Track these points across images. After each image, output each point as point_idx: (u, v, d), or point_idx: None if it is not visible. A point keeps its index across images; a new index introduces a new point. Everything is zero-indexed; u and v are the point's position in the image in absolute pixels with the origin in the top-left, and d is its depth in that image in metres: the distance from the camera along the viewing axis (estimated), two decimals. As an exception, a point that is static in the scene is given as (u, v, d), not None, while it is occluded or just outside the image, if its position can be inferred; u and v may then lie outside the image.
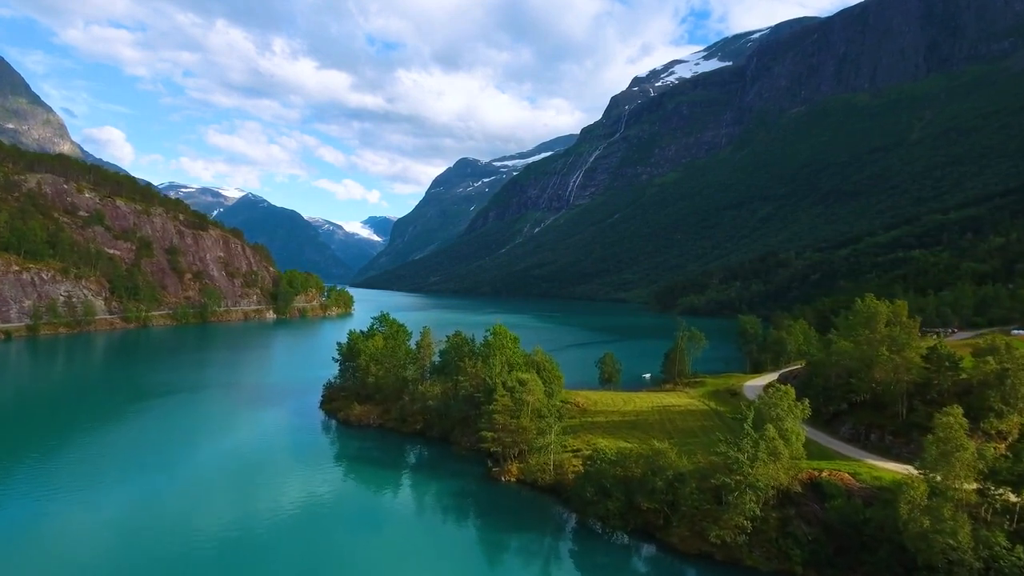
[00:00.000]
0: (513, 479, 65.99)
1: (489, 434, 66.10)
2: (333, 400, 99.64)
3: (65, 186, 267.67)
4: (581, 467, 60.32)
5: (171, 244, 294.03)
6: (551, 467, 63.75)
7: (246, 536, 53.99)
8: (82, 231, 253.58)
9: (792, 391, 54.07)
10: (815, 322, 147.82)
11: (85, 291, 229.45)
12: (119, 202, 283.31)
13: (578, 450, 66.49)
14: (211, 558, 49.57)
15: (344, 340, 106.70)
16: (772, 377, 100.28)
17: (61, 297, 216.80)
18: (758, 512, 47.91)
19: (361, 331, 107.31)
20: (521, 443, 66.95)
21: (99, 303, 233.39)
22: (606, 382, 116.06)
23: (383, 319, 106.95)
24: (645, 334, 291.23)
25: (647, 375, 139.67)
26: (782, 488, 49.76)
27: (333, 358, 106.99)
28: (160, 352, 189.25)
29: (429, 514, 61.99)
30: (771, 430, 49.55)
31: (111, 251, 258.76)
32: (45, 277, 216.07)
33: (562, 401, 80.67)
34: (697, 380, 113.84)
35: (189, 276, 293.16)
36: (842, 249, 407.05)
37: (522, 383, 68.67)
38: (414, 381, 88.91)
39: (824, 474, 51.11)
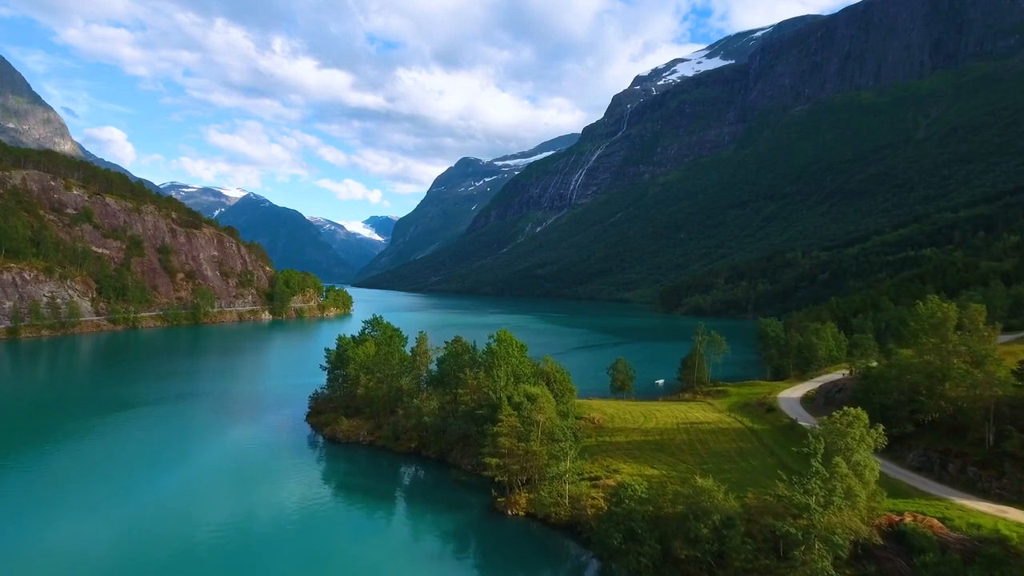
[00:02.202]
0: (521, 512, 55.86)
1: (493, 460, 56.19)
2: (320, 413, 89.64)
3: (52, 183, 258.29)
4: (602, 500, 50.98)
5: (163, 243, 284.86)
6: (566, 500, 54.02)
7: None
8: (69, 229, 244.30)
9: (864, 415, 44.75)
10: (833, 324, 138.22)
11: (70, 291, 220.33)
12: (109, 199, 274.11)
13: (597, 478, 56.81)
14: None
15: (335, 345, 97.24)
16: (808, 387, 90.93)
17: (44, 298, 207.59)
18: (832, 572, 38.38)
19: (352, 336, 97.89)
20: (531, 470, 57.42)
21: (85, 304, 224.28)
22: (618, 390, 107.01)
23: (375, 323, 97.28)
24: (652, 336, 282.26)
25: (660, 381, 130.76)
26: (859, 539, 40.37)
27: (321, 366, 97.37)
28: (143, 356, 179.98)
29: (425, 554, 52.61)
30: (842, 465, 40.23)
31: (99, 250, 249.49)
32: (27, 277, 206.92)
33: (576, 416, 71.01)
34: (719, 389, 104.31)
35: (181, 276, 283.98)
36: (850, 248, 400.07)
37: (531, 399, 59.21)
38: (409, 393, 79.30)
39: (907, 519, 41.66)
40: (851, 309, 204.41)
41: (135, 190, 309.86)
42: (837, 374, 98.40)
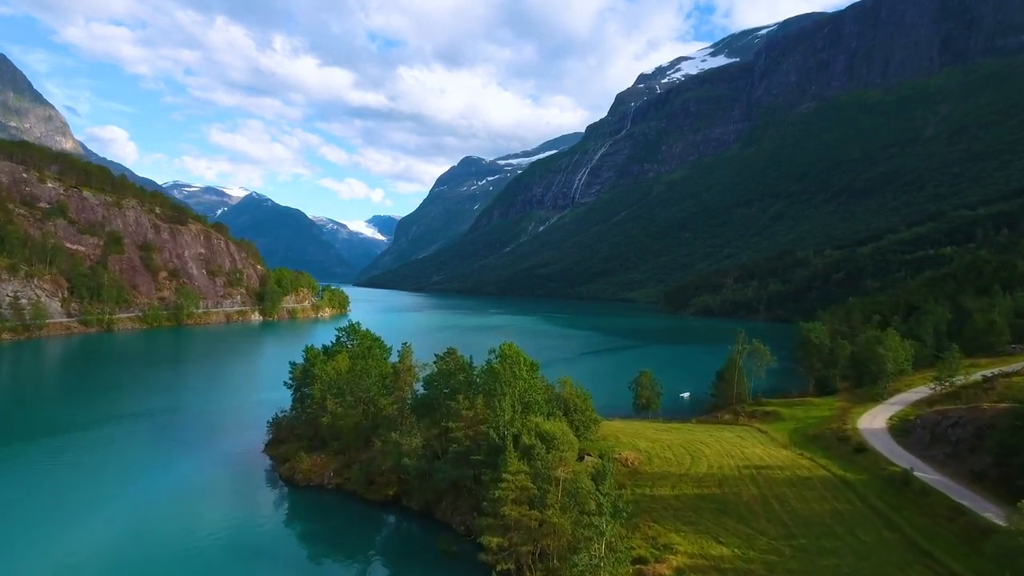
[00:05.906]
0: (535, 611, 39.31)
1: (494, 540, 39.05)
2: (280, 442, 72.27)
3: (24, 175, 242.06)
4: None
5: (145, 240, 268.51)
6: (601, 599, 36.72)
7: None
8: (40, 224, 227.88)
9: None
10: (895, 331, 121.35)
11: (37, 291, 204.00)
12: (86, 193, 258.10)
13: (642, 560, 39.97)
14: None
15: (303, 357, 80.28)
16: (887, 411, 74.00)
17: (7, 298, 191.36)
18: None
19: (324, 346, 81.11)
20: (548, 548, 40.41)
21: (55, 304, 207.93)
22: (643, 409, 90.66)
23: (352, 330, 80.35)
24: (663, 338, 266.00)
25: (685, 395, 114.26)
26: None
27: (285, 383, 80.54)
28: (105, 362, 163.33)
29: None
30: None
31: (74, 247, 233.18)
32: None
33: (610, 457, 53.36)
34: (766, 409, 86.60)
35: (164, 275, 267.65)
36: (864, 247, 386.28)
37: (547, 441, 42.63)
38: (389, 421, 62.42)
39: None
40: (884, 310, 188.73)
41: (116, 184, 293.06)
42: (914, 392, 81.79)
